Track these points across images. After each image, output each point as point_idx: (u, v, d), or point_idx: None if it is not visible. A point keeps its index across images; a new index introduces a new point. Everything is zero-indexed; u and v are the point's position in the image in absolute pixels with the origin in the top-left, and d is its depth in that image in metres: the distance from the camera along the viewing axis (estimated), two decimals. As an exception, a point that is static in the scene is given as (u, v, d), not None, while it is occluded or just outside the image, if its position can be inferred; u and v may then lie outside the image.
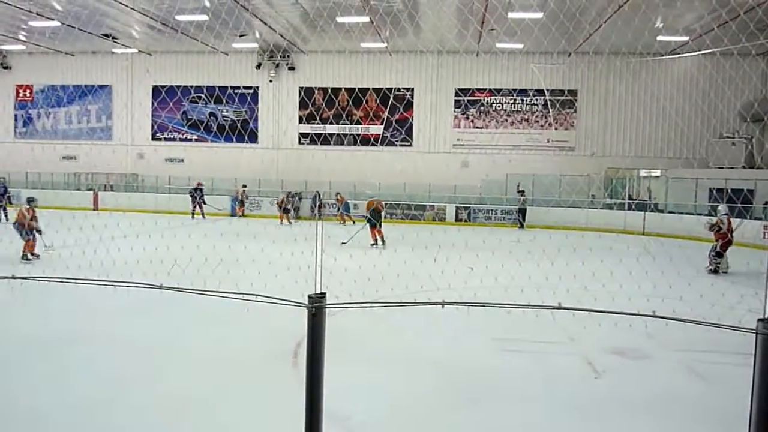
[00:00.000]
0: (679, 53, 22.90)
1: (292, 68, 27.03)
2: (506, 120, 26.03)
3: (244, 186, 24.56)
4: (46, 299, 7.96)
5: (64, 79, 28.51)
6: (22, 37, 25.50)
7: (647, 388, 5.73)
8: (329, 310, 2.17)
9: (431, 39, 23.73)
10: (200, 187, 23.08)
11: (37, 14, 20.98)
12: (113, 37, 24.40)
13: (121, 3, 19.41)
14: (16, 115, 29.65)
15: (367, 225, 15.48)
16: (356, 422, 4.66)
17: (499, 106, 26.02)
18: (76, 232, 14.18)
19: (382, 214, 15.84)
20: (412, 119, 26.57)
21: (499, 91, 25.77)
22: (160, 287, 2.14)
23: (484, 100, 26.02)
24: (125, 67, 28.18)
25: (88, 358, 6.12)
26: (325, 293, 2.08)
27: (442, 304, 2.16)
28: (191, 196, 22.76)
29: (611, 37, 20.26)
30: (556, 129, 25.73)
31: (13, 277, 2.31)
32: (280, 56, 26.65)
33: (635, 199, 22.49)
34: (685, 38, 21.14)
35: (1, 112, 29.58)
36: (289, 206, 22.61)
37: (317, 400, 2.11)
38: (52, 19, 21.53)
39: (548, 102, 25.40)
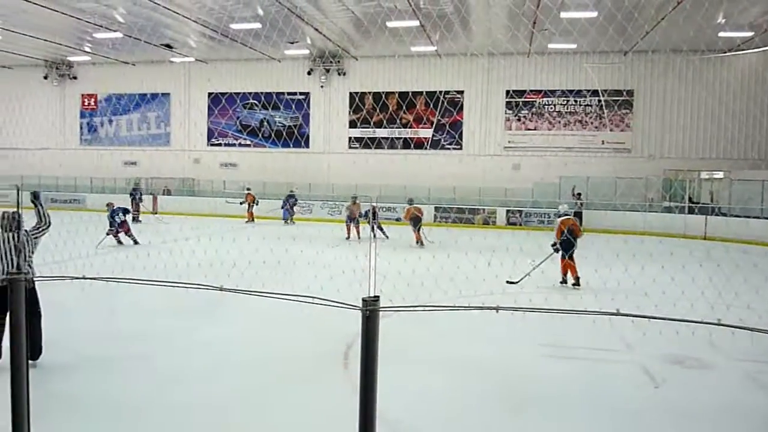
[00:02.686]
0: (743, 49, 21.93)
1: (342, 73, 27.34)
2: (559, 122, 25.54)
3: (248, 189, 23.13)
4: (112, 299, 8.30)
5: (126, 87, 29.78)
6: (87, 49, 26.81)
7: (709, 399, 5.49)
8: (382, 312, 2.18)
9: (482, 41, 23.53)
10: (137, 187, 22.60)
11: (102, 26, 22.04)
12: (172, 47, 25.33)
13: (179, 14, 20.12)
14: (81, 123, 31.17)
15: (555, 255, 10.60)
16: (405, 426, 4.65)
17: (551, 108, 25.55)
18: (137, 235, 14.76)
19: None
20: (463, 122, 26.41)
21: (552, 92, 25.31)
22: (221, 289, 2.21)
23: (536, 101, 25.61)
24: (183, 76, 29.18)
25: (148, 355, 6.36)
26: (378, 296, 2.10)
27: (497, 308, 2.14)
28: (131, 195, 22.08)
29: (670, 34, 19.61)
30: (611, 130, 25.06)
31: (84, 278, 2.44)
32: (331, 62, 27.00)
33: (696, 202, 21.62)
34: (750, 33, 20.23)
35: (68, 120, 31.20)
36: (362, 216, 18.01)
37: (371, 402, 2.13)
38: (116, 31, 22.58)
39: (603, 103, 24.76)
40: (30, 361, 5.18)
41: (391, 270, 6.94)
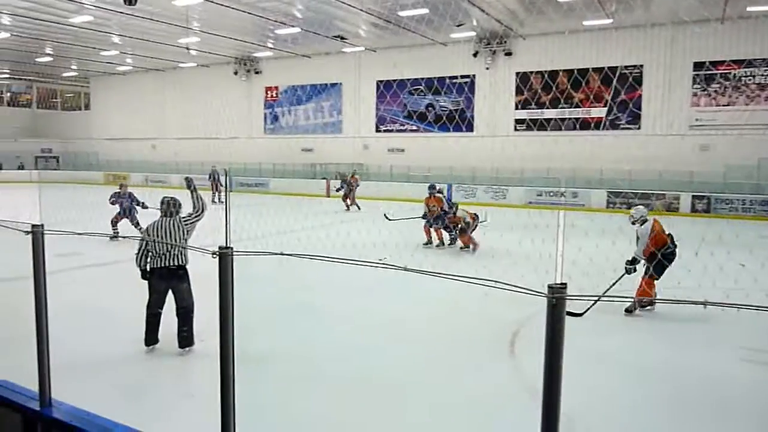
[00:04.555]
0: None
1: (508, 54, 26.64)
2: (759, 95, 22.40)
3: (339, 172, 23.99)
4: (304, 274, 9.01)
5: (303, 79, 32.03)
6: (270, 45, 29.24)
7: None
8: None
9: (664, 9, 21.38)
10: (215, 170, 23.01)
11: (282, 23, 23.86)
12: (344, 38, 26.63)
13: (351, 5, 21.03)
14: (265, 114, 34.19)
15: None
16: (583, 425, 4.45)
17: (749, 80, 22.48)
18: (313, 216, 15.86)
19: None
20: (641, 99, 24.33)
21: (751, 62, 22.22)
22: (404, 269, 2.27)
23: (731, 73, 22.71)
24: (353, 65, 30.53)
25: (324, 326, 6.82)
26: (566, 284, 2.00)
27: (704, 303, 1.93)
28: (210, 177, 22.40)
29: None
30: (828, 103, 21.41)
31: (281, 254, 2.67)
32: (497, 43, 26.44)
33: None
34: None
35: (254, 111, 34.40)
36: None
37: (556, 394, 2.05)
38: (294, 26, 24.30)
39: (818, 71, 21.20)
40: (179, 349, 5.65)
41: (581, 257, 6.48)
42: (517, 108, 26.81)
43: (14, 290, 6.33)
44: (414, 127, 29.37)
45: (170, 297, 5.74)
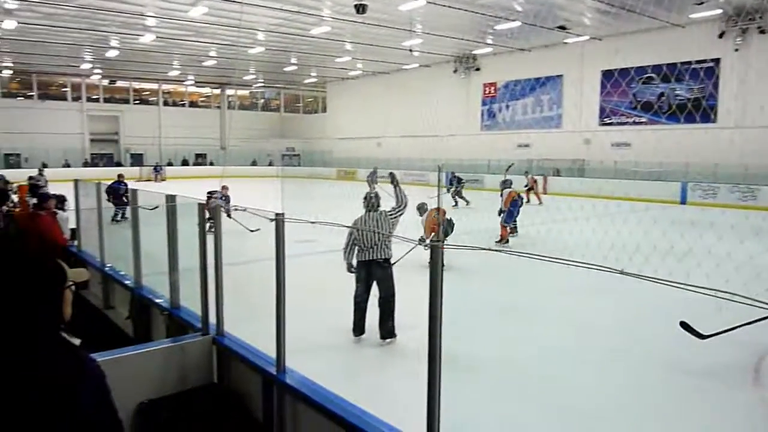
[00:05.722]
0: None
1: (763, 32, 22.89)
2: None
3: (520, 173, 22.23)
4: (511, 271, 8.95)
5: (522, 73, 31.46)
6: (489, 41, 29.28)
7: None
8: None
9: None
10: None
11: (502, 18, 23.70)
12: (566, 28, 25.49)
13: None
14: (482, 110, 34.36)
15: None
16: None
17: None
18: (523, 214, 15.44)
19: None
20: None
21: None
22: (621, 272, 2.13)
23: None
24: (576, 56, 28.97)
25: (526, 327, 6.66)
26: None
27: None
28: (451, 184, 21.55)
29: None
30: None
31: (489, 249, 2.69)
32: (749, 19, 22.88)
33: None
34: None
35: (471, 109, 34.81)
36: None
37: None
38: (514, 20, 23.96)
39: None
40: (380, 340, 5.82)
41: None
42: (778, 93, 22.91)
43: (252, 270, 7.33)
44: (641, 119, 26.89)
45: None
